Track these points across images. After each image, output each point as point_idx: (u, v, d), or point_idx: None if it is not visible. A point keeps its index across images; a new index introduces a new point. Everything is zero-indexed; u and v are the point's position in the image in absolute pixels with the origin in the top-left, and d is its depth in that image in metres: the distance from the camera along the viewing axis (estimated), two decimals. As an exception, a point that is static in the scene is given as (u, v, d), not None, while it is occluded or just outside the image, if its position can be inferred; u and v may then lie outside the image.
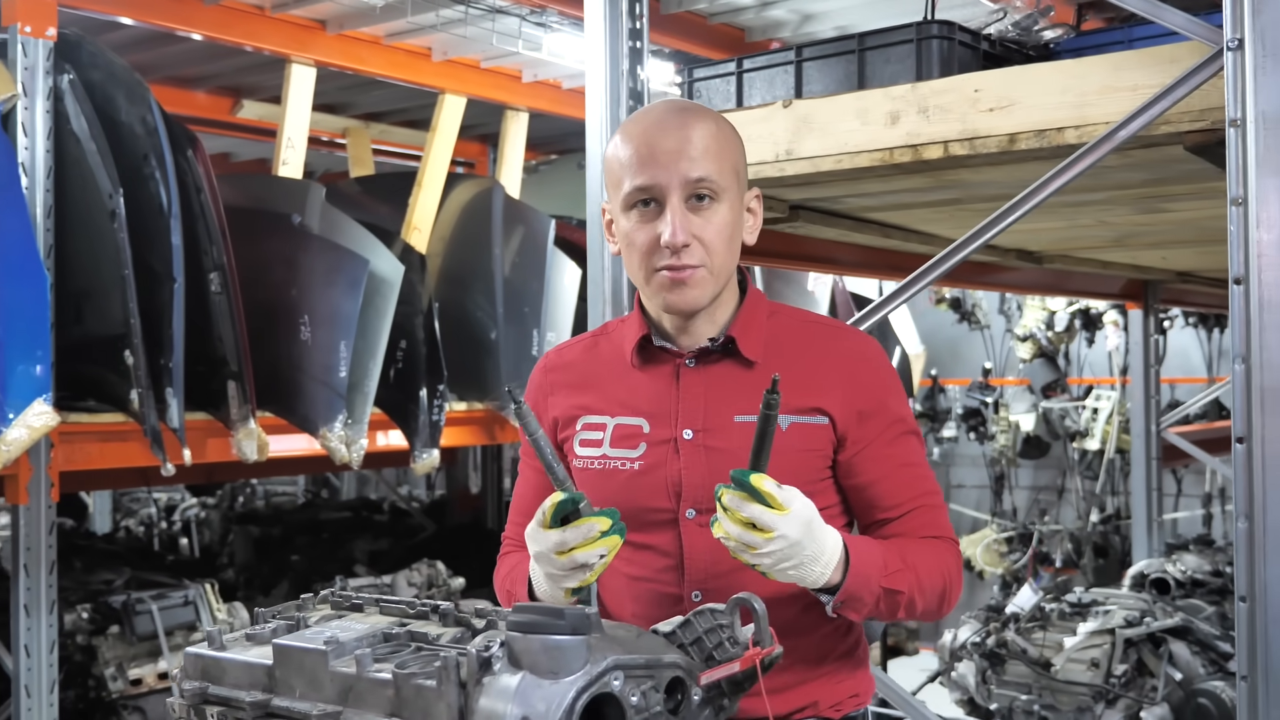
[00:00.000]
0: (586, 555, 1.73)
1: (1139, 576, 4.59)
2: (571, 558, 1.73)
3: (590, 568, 1.75)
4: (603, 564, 1.76)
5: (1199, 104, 2.20)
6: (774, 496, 1.69)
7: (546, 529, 1.75)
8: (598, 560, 1.74)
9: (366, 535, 6.49)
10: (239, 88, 5.81)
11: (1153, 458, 5.38)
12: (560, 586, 1.78)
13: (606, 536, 1.74)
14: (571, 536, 1.73)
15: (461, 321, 5.22)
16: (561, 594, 1.80)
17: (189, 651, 1.53)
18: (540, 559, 1.78)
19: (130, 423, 3.96)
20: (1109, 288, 5.30)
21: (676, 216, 1.85)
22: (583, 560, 1.73)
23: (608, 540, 1.74)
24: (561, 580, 1.77)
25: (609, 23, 2.78)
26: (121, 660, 4.30)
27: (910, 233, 3.51)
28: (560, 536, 1.74)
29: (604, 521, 1.74)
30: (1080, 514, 7.97)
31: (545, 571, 1.78)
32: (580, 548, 1.73)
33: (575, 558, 1.73)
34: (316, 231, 4.48)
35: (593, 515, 1.74)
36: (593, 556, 1.74)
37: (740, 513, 1.69)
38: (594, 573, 1.76)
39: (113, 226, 3.81)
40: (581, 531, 1.73)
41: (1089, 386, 7.86)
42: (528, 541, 1.80)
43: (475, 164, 7.05)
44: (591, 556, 1.74)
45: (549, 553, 1.75)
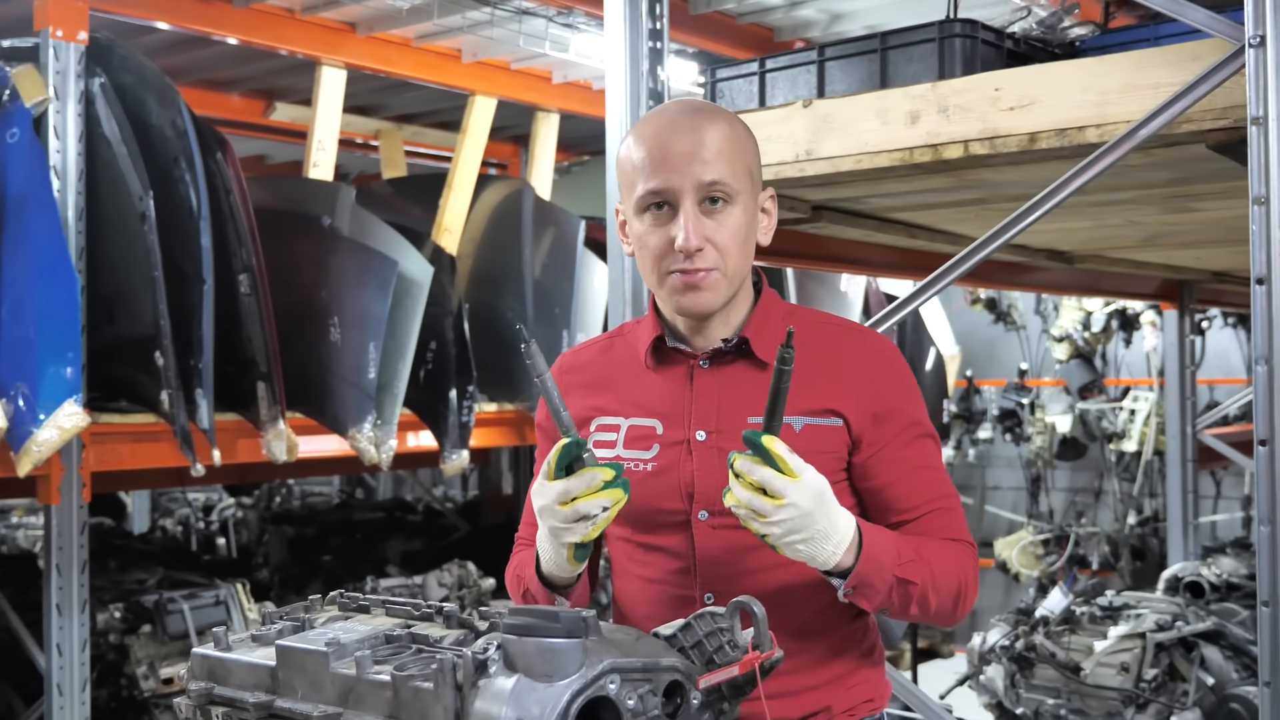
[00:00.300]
0: (589, 505, 1.72)
1: (1173, 580, 4.53)
2: (574, 508, 1.72)
3: (593, 520, 1.73)
4: (606, 517, 1.74)
5: (1221, 102, 2.17)
6: (785, 460, 1.67)
7: (551, 480, 1.75)
8: (600, 512, 1.73)
9: (400, 536, 6.52)
10: (271, 90, 5.85)
11: (1188, 460, 5.32)
12: (563, 541, 1.77)
13: (610, 488, 1.73)
14: (575, 485, 1.72)
15: (492, 322, 5.24)
16: (565, 555, 1.79)
17: (196, 652, 1.54)
18: (544, 513, 1.77)
19: (161, 423, 4.00)
20: (1144, 288, 5.24)
21: (689, 220, 1.84)
22: (585, 510, 1.72)
23: (611, 492, 1.73)
24: (564, 534, 1.76)
25: (629, 23, 2.78)
26: (153, 659, 4.34)
27: (936, 233, 3.49)
28: (564, 485, 1.73)
29: (607, 471, 1.73)
30: (1117, 516, 7.89)
31: (549, 526, 1.77)
32: (583, 496, 1.72)
33: (578, 508, 1.72)
34: (346, 233, 4.51)
35: (596, 466, 1.74)
36: (595, 507, 1.72)
37: (751, 476, 1.68)
38: (597, 526, 1.74)
39: (143, 229, 3.84)
40: (585, 480, 1.72)
41: (1126, 388, 7.78)
42: (533, 498, 1.79)
43: (508, 165, 7.07)
44: (594, 507, 1.72)
45: (553, 504, 1.74)
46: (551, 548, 1.80)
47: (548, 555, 1.83)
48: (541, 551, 1.85)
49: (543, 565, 1.86)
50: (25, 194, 3.70)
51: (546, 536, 1.81)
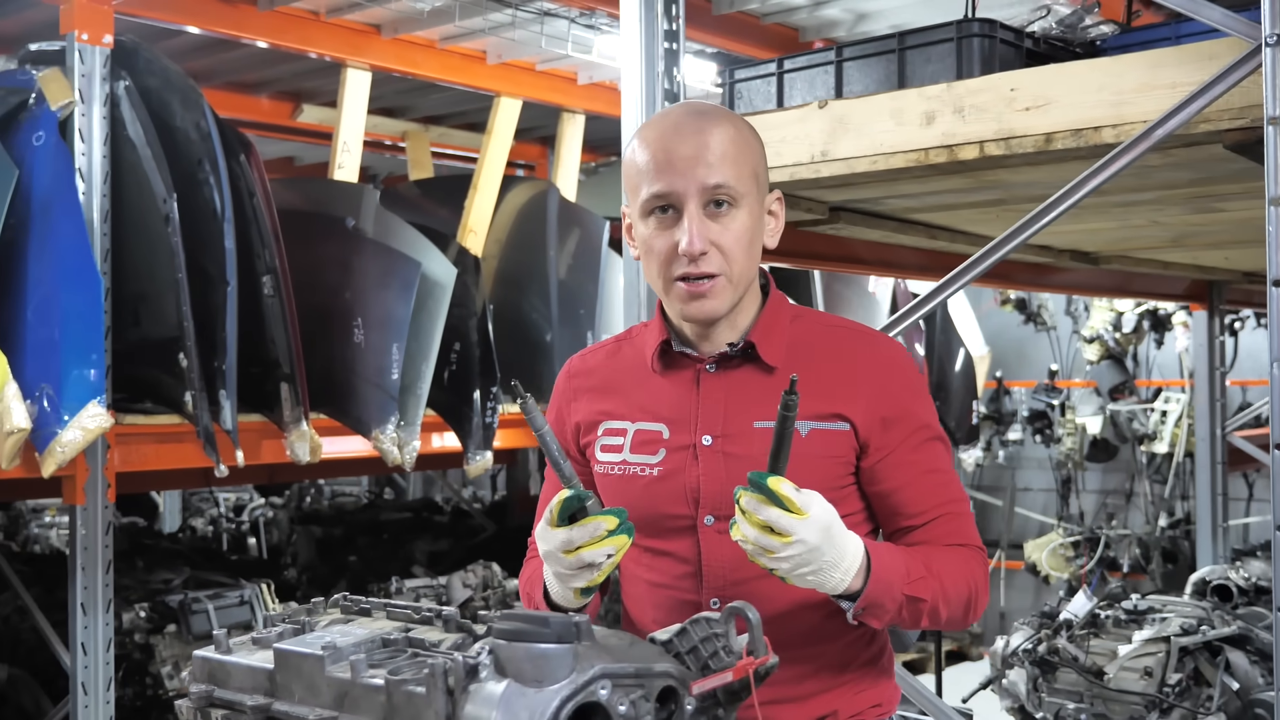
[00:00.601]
0: (593, 554, 1.73)
1: (1200, 583, 4.49)
2: (579, 556, 1.73)
3: (598, 567, 1.74)
4: (610, 563, 1.75)
5: (1239, 101, 2.14)
6: (792, 500, 1.67)
7: (554, 527, 1.75)
8: (604, 559, 1.73)
9: (427, 536, 6.53)
10: (299, 92, 5.88)
11: (1218, 462, 5.26)
12: (569, 586, 1.78)
13: (614, 536, 1.73)
14: (578, 535, 1.73)
15: (517, 324, 5.24)
16: (571, 595, 1.80)
17: (197, 655, 1.54)
18: (549, 558, 1.77)
19: (186, 424, 4.01)
20: (1173, 289, 5.19)
21: (694, 224, 1.83)
22: (589, 559, 1.73)
23: (615, 539, 1.73)
24: (569, 580, 1.77)
25: (645, 24, 2.77)
26: (178, 659, 4.36)
27: (957, 234, 3.47)
28: (567, 535, 1.73)
29: (610, 520, 1.73)
30: (1149, 519, 7.82)
31: (554, 570, 1.78)
32: (587, 546, 1.72)
33: (582, 556, 1.73)
34: (370, 235, 4.52)
35: (600, 514, 1.73)
36: (599, 555, 1.73)
37: (758, 516, 1.67)
38: (601, 572, 1.75)
39: (167, 231, 3.86)
40: (588, 530, 1.73)
41: (1158, 389, 7.71)
42: (537, 540, 1.81)
43: (535, 166, 7.07)
44: (598, 555, 1.73)
45: (556, 551, 1.75)
46: (559, 586, 1.81)
47: (555, 590, 1.83)
48: (548, 583, 1.85)
49: (550, 594, 1.87)
50: (51, 197, 3.73)
51: (552, 578, 1.81)
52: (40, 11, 4.23)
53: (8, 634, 4.63)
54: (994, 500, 8.62)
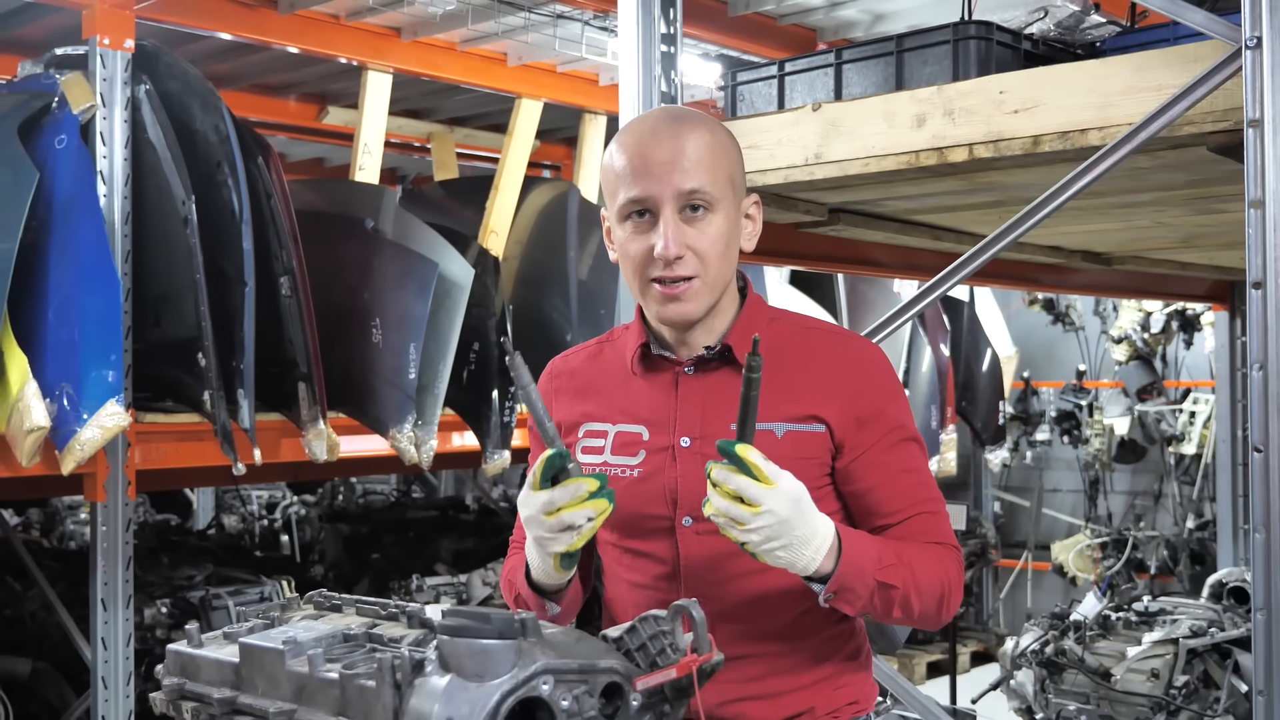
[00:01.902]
0: (573, 515, 1.75)
1: (1218, 585, 4.46)
2: (559, 518, 1.75)
3: (578, 529, 1.76)
4: (591, 527, 1.76)
5: (1222, 104, 2.14)
6: (759, 468, 1.69)
7: (536, 490, 1.78)
8: (585, 522, 1.75)
9: (452, 534, 6.58)
10: (324, 94, 5.93)
11: (1239, 463, 5.22)
12: (549, 551, 1.79)
13: (594, 499, 1.75)
14: (559, 495, 1.75)
15: (537, 324, 5.27)
16: (552, 564, 1.82)
17: (171, 649, 1.59)
18: (530, 523, 1.80)
19: (205, 423, 4.08)
20: (1193, 289, 5.16)
21: (669, 228, 1.86)
22: (569, 520, 1.75)
23: (595, 502, 1.75)
24: (550, 544, 1.78)
25: (642, 27, 2.79)
26: (199, 653, 4.42)
27: (962, 234, 3.47)
28: (549, 496, 1.76)
29: (592, 482, 1.75)
30: (1177, 520, 7.76)
31: (534, 535, 1.80)
32: (568, 507, 1.74)
33: (563, 518, 1.75)
34: (389, 236, 4.57)
35: (581, 476, 1.76)
36: (580, 517, 1.75)
37: (728, 485, 1.70)
38: (582, 536, 1.77)
39: (186, 232, 3.93)
40: (569, 490, 1.75)
41: (1186, 390, 7.65)
42: (519, 507, 1.82)
43: (561, 167, 7.11)
44: (579, 517, 1.75)
45: (538, 514, 1.77)
46: (539, 556, 1.83)
47: (536, 564, 1.86)
48: (530, 559, 1.88)
49: (532, 573, 1.89)
50: (72, 199, 3.80)
51: (533, 545, 1.83)
52: (63, 16, 4.31)
53: (34, 629, 4.72)
54: (1021, 501, 8.58)
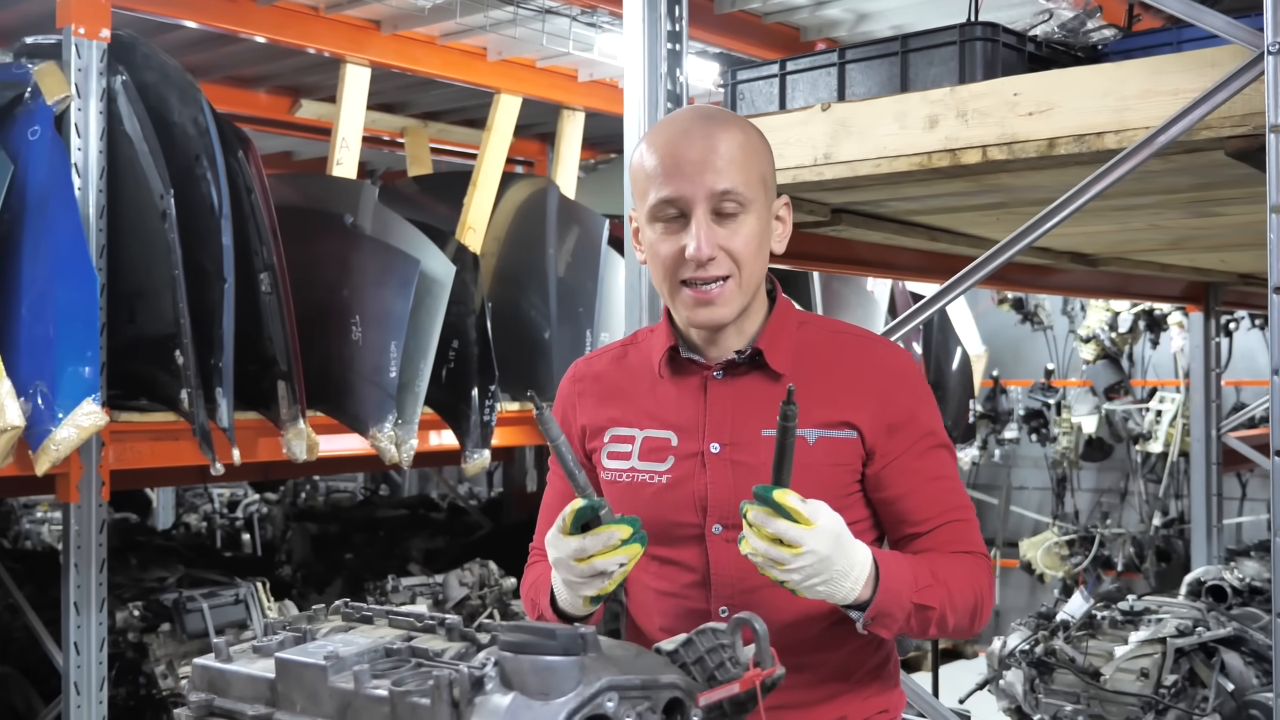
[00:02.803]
0: (605, 563, 1.72)
1: (1196, 583, 4.49)
2: (591, 565, 1.72)
3: (609, 575, 1.73)
4: (622, 572, 1.74)
5: (1241, 109, 2.14)
6: (799, 512, 1.66)
7: (566, 535, 1.74)
8: (617, 568, 1.73)
9: (423, 533, 6.52)
10: (298, 87, 5.85)
11: (1213, 462, 5.27)
12: (579, 595, 1.77)
13: (627, 545, 1.72)
14: (591, 544, 1.72)
15: (515, 321, 5.23)
16: (580, 602, 1.79)
17: (197, 663, 1.53)
18: (559, 565, 1.77)
19: (181, 422, 4.00)
20: (1170, 290, 5.20)
21: (702, 230, 1.83)
22: (601, 568, 1.72)
23: (628, 549, 1.73)
24: (580, 588, 1.76)
25: (647, 24, 2.76)
26: (172, 658, 4.34)
27: (959, 236, 3.46)
28: (580, 543, 1.72)
29: (624, 529, 1.72)
30: (1143, 518, 7.84)
31: (564, 579, 1.77)
32: (599, 555, 1.72)
33: (594, 565, 1.72)
34: (369, 232, 4.50)
35: (613, 522, 1.73)
36: (612, 564, 1.72)
37: (766, 529, 1.67)
38: (613, 581, 1.74)
39: (164, 227, 3.84)
40: (601, 539, 1.72)
41: (1153, 388, 7.73)
42: (547, 548, 1.79)
43: (535, 163, 7.06)
44: (610, 564, 1.72)
45: (568, 559, 1.74)
46: (568, 594, 1.80)
47: (564, 598, 1.83)
48: (557, 591, 1.85)
49: (558, 602, 1.86)
50: (47, 192, 3.70)
51: (562, 585, 1.80)
52: (37, 4, 4.21)
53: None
54: (989, 499, 8.64)
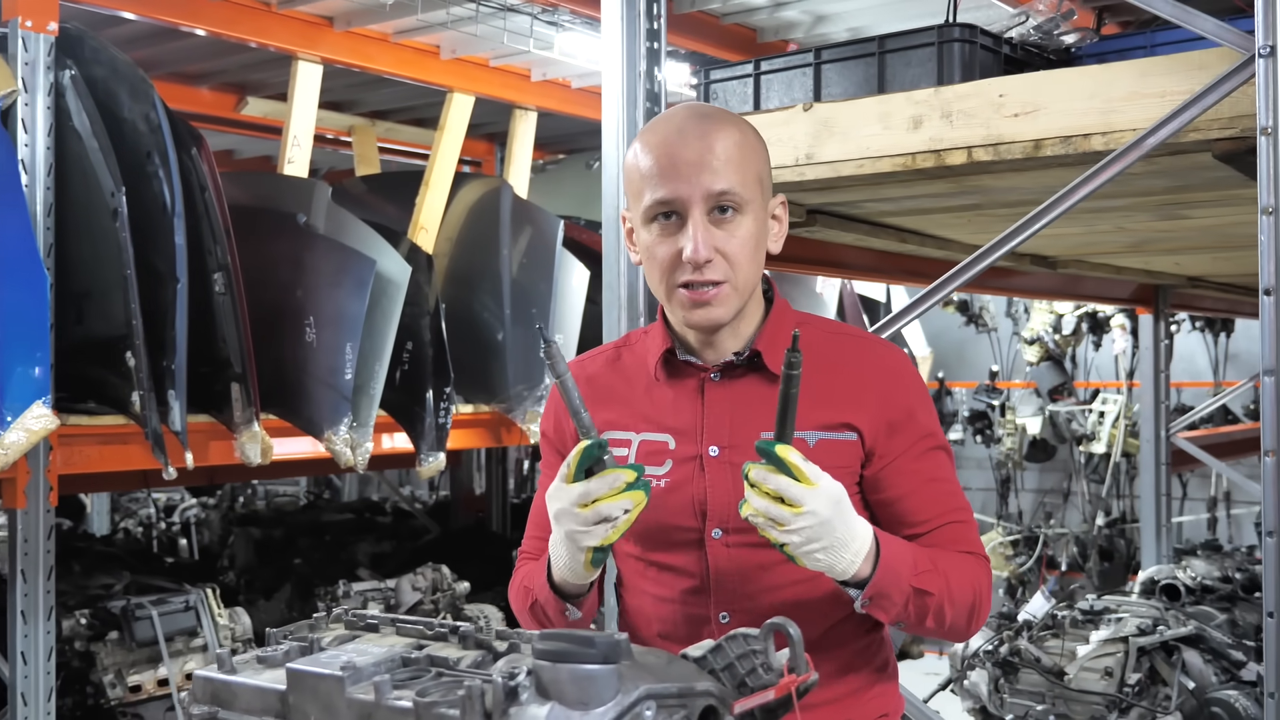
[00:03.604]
0: (610, 507, 1.69)
1: (1149, 582, 4.55)
2: (595, 509, 1.69)
3: (614, 522, 1.70)
4: (626, 519, 1.70)
5: (1228, 111, 2.16)
6: (800, 469, 1.65)
7: (570, 482, 1.71)
8: (622, 514, 1.70)
9: (369, 538, 6.42)
10: (244, 84, 5.76)
11: (1162, 463, 5.34)
12: (582, 545, 1.73)
13: (631, 490, 1.69)
14: (596, 486, 1.69)
15: (468, 323, 5.17)
16: (582, 559, 1.74)
17: (198, 674, 1.48)
18: (562, 517, 1.73)
19: (131, 425, 3.90)
20: (1120, 292, 5.26)
21: (699, 231, 1.80)
22: (606, 512, 1.69)
23: (632, 494, 1.70)
24: (583, 538, 1.71)
25: (626, 23, 2.73)
26: (120, 667, 4.24)
27: (927, 237, 3.47)
28: (584, 487, 1.69)
29: (629, 473, 1.70)
30: (1086, 517, 7.95)
31: (566, 530, 1.73)
32: (605, 498, 1.69)
33: (599, 509, 1.69)
34: (322, 231, 4.43)
35: (617, 467, 1.70)
36: (617, 509, 1.69)
37: (767, 485, 1.65)
38: (617, 529, 1.71)
39: (115, 225, 3.75)
40: (607, 481, 1.69)
41: (1095, 390, 7.84)
42: (549, 501, 1.75)
43: (482, 163, 7.01)
44: (616, 509, 1.69)
45: (572, 506, 1.70)
46: (567, 553, 1.76)
47: (563, 562, 1.78)
48: (555, 558, 1.81)
49: (555, 573, 1.82)
50: (-6, 189, 3.60)
51: (562, 541, 1.76)
52: (-19, -3, 4.09)
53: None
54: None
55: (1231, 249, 3.91)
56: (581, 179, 6.70)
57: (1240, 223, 3.24)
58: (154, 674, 4.29)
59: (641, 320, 2.74)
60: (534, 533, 2.04)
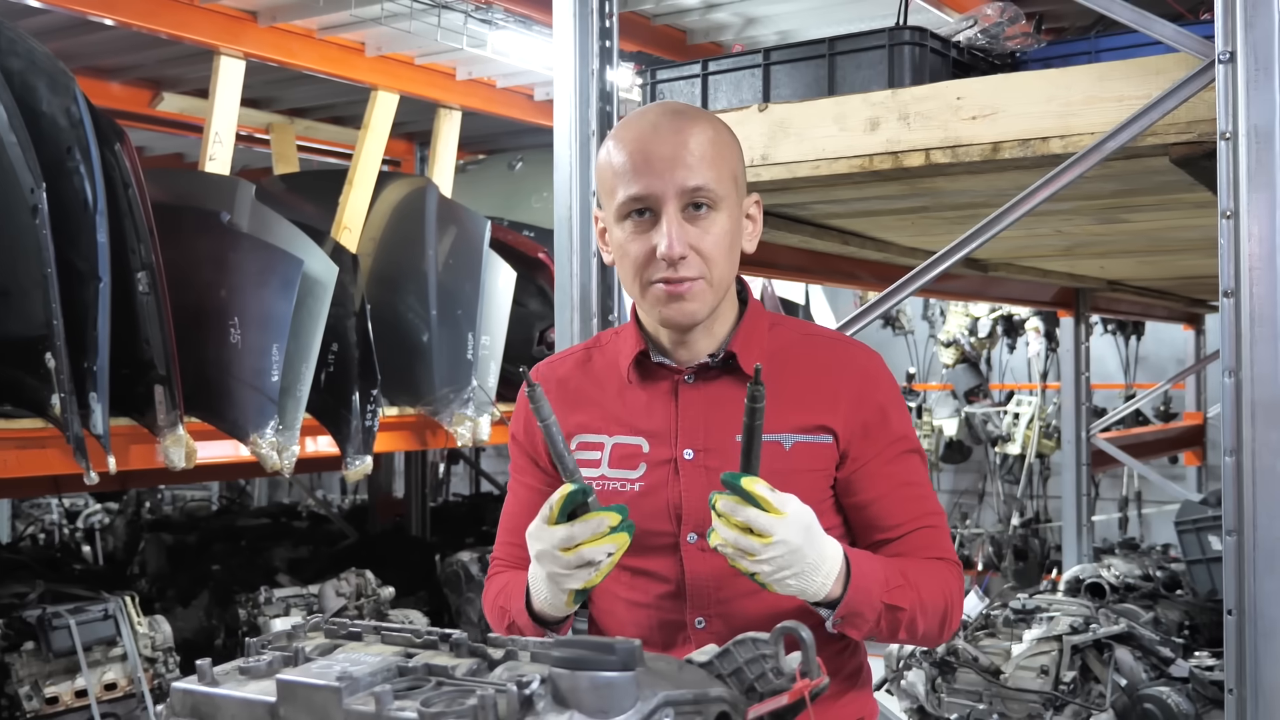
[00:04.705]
0: (594, 551, 1.65)
1: (1074, 581, 4.62)
2: (578, 554, 1.65)
3: (597, 566, 1.67)
4: (610, 562, 1.67)
5: (1185, 116, 2.19)
6: (768, 500, 1.62)
7: (553, 524, 1.67)
8: (605, 558, 1.66)
9: (286, 543, 6.31)
10: (160, 80, 5.61)
11: (1083, 463, 5.44)
12: (564, 588, 1.70)
13: (615, 533, 1.66)
14: (580, 531, 1.65)
15: (392, 324, 5.09)
16: (564, 599, 1.72)
17: (177, 687, 1.41)
18: (543, 558, 1.69)
19: (49, 429, 3.77)
20: (1043, 295, 5.35)
21: (673, 227, 1.77)
22: (589, 557, 1.65)
23: (616, 537, 1.66)
24: (565, 580, 1.69)
25: (579, 20, 2.70)
26: (37, 678, 4.09)
27: (868, 240, 3.49)
28: (568, 531, 1.66)
29: (613, 517, 1.66)
30: (1001, 517, 8.07)
31: (548, 571, 1.70)
32: (588, 543, 1.65)
33: (582, 554, 1.65)
34: (246, 230, 4.33)
35: (601, 510, 1.67)
36: (600, 553, 1.66)
37: (735, 517, 1.62)
38: (600, 572, 1.68)
39: (35, 223, 3.62)
40: (591, 526, 1.65)
41: (1010, 392, 7.96)
42: (529, 541, 1.71)
43: (401, 162, 6.92)
44: (599, 553, 1.66)
45: (553, 550, 1.66)
46: (549, 590, 1.73)
47: (543, 596, 1.75)
48: (535, 591, 1.77)
49: (535, 603, 1.78)
50: (-94, 185, 3.46)
51: (544, 580, 1.72)
52: (-110, -15, 3.94)
53: None
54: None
55: (1159, 252, 3.99)
56: (503, 180, 6.64)
57: (1175, 226, 3.31)
58: (72, 685, 4.16)
59: (595, 321, 2.71)
60: (507, 539, 2.00)
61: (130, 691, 4.28)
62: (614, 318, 2.74)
